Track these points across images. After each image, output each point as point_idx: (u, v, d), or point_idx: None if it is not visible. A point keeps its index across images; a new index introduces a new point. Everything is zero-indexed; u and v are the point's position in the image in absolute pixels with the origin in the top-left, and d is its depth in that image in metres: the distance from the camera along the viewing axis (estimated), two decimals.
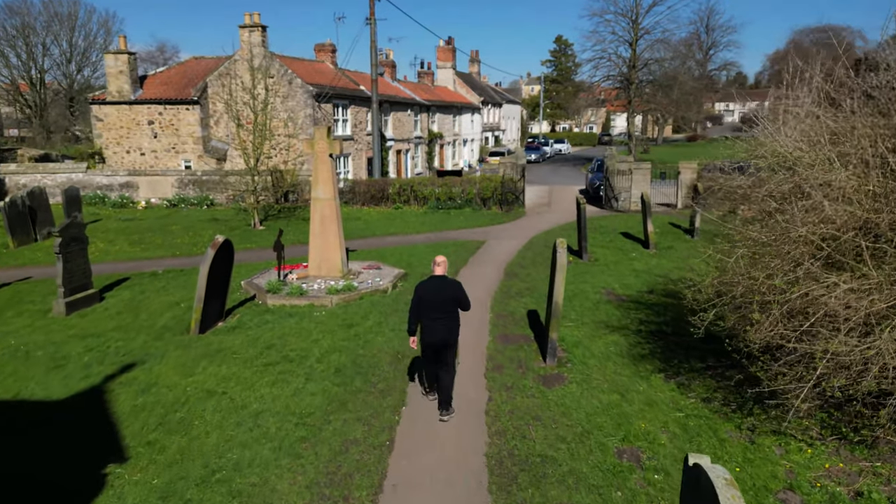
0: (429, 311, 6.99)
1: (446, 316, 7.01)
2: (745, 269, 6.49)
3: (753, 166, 7.60)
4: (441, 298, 6.98)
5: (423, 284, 7.14)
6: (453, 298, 7.03)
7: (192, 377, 8.41)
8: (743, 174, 7.87)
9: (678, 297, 11.63)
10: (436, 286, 7.05)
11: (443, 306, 6.98)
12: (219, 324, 11.04)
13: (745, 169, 8.23)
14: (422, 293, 7.04)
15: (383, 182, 24.73)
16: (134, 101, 27.72)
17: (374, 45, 27.01)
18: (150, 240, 18.67)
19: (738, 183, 7.32)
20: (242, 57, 25.84)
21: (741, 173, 7.92)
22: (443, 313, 6.99)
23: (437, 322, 6.96)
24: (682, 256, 15.08)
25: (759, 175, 7.47)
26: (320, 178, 13.09)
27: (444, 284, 7.09)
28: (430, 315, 6.98)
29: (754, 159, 6.96)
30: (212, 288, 10.56)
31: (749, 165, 8.20)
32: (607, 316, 10.57)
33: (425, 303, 6.99)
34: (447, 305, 7.01)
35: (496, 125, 59.44)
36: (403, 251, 16.41)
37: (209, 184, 25.12)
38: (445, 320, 7.00)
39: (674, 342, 9.32)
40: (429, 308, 6.99)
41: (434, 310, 6.97)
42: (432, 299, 6.97)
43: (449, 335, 7.02)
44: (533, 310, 11.10)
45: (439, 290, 7.02)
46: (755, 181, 7.26)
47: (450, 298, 7.01)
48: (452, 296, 7.03)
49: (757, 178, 7.37)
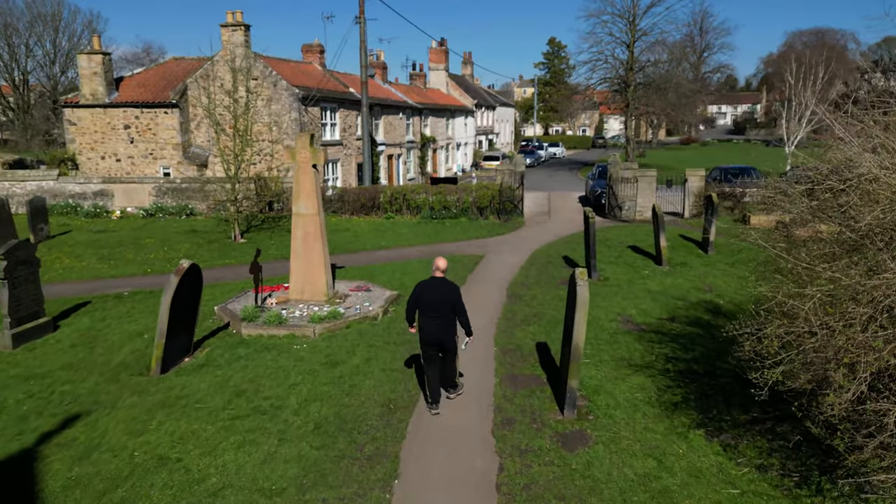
0: (426, 310, 7.34)
1: (443, 316, 7.33)
2: (820, 315, 5.22)
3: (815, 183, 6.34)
4: (439, 300, 7.32)
5: (423, 283, 7.50)
6: (450, 301, 7.32)
7: (144, 436, 7.06)
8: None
9: (704, 326, 10.41)
10: (435, 287, 7.39)
11: (440, 307, 7.31)
12: (185, 360, 9.67)
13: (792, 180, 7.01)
14: (421, 291, 7.41)
15: (374, 190, 23.38)
16: (109, 104, 26.19)
17: (364, 46, 25.68)
18: (121, 255, 17.23)
19: (800, 207, 6.03)
20: (223, 57, 24.43)
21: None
22: (439, 313, 7.32)
23: (434, 321, 7.30)
24: (698, 275, 13.85)
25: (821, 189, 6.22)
26: (303, 190, 11.75)
27: (443, 287, 7.40)
28: (428, 313, 7.33)
29: (827, 179, 5.68)
30: (176, 320, 9.20)
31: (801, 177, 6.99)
32: (628, 351, 9.29)
33: (423, 301, 7.34)
34: (444, 307, 7.32)
35: (490, 128, 58.23)
36: (395, 268, 15.09)
37: (189, 192, 23.67)
38: (441, 320, 7.32)
39: (708, 385, 8.06)
40: (426, 307, 7.34)
41: (431, 309, 7.31)
42: (430, 299, 7.33)
43: (444, 334, 7.35)
44: (542, 342, 9.80)
45: (438, 291, 7.36)
46: (821, 202, 5.99)
47: (446, 301, 7.32)
48: (449, 299, 7.33)
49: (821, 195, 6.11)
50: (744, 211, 20.75)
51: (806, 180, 6.83)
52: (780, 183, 6.79)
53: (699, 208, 21.67)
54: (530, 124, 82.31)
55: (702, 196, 21.63)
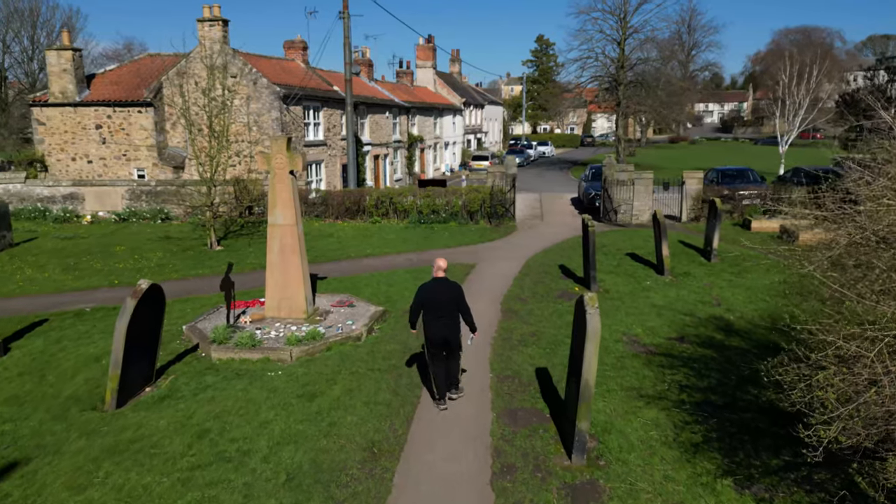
0: (431, 311, 7.38)
1: (447, 315, 7.40)
2: (887, 362, 4.37)
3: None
4: (443, 300, 7.38)
5: (425, 286, 7.55)
6: (454, 300, 7.42)
7: (87, 492, 6.07)
8: None
9: (718, 347, 9.57)
10: (438, 288, 7.47)
11: (445, 307, 7.38)
12: (146, 390, 8.68)
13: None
14: (424, 294, 7.45)
15: (359, 193, 22.37)
16: (79, 102, 24.91)
17: (349, 42, 24.64)
18: (88, 264, 16.12)
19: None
20: (200, 54, 23.28)
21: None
22: (444, 313, 7.38)
23: (440, 321, 7.36)
24: (703, 286, 13.04)
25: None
26: (279, 199, 10.76)
27: (446, 287, 7.50)
28: (433, 314, 7.37)
29: None
30: (134, 348, 8.22)
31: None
32: (638, 378, 8.41)
33: (428, 303, 7.39)
34: (449, 306, 7.40)
35: (478, 127, 57.31)
36: (381, 279, 14.13)
37: (164, 195, 22.52)
38: (446, 319, 7.39)
39: (730, 420, 7.21)
40: (431, 308, 7.38)
41: (436, 309, 7.37)
42: (434, 300, 7.37)
43: (450, 333, 7.42)
44: (542, 367, 8.91)
45: (441, 292, 7.44)
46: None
47: (451, 300, 7.41)
48: (453, 298, 7.43)
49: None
50: (744, 215, 20.04)
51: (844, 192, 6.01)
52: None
53: (697, 212, 20.92)
54: (518, 123, 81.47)
55: (700, 199, 20.88)
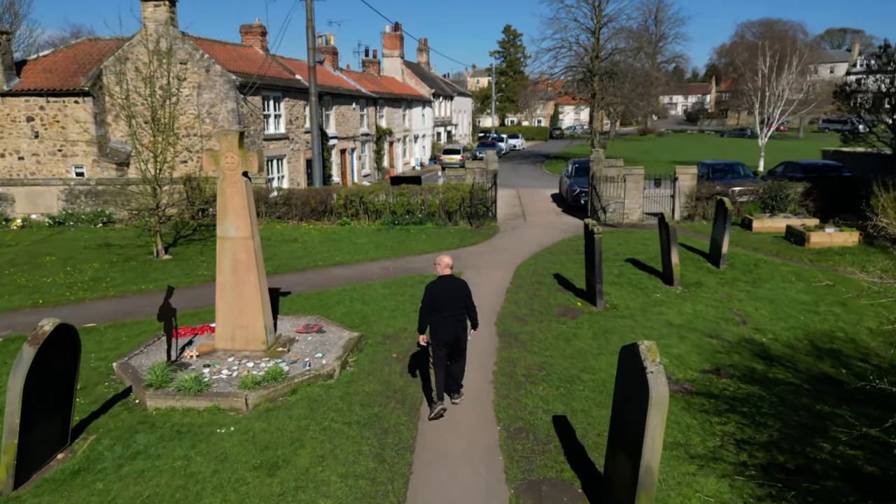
0: (441, 311, 7.13)
1: (457, 314, 7.19)
2: None
3: None
4: (452, 298, 7.15)
5: (433, 285, 7.27)
6: (462, 298, 7.21)
7: None
8: None
9: (762, 382, 8.04)
10: (446, 286, 7.22)
11: (454, 305, 7.16)
12: (57, 456, 6.74)
13: None
14: (433, 293, 7.17)
15: (326, 192, 20.37)
16: (7, 92, 22.17)
17: (312, 26, 22.53)
18: (10, 279, 13.85)
19: None
20: (144, 38, 20.87)
21: None
22: (452, 312, 7.16)
23: (449, 320, 7.13)
24: (721, 299, 11.60)
25: None
26: (230, 207, 8.84)
27: (454, 284, 7.28)
28: (442, 314, 7.13)
29: None
30: (39, 405, 6.28)
31: None
32: (681, 430, 6.82)
33: (437, 302, 7.11)
34: (458, 304, 7.19)
35: (448, 119, 55.48)
36: (355, 294, 12.30)
37: (106, 195, 20.14)
38: (455, 318, 7.17)
39: (810, 492, 5.68)
40: (441, 307, 7.12)
41: (445, 308, 7.12)
42: (444, 298, 7.12)
43: (458, 331, 7.20)
44: (560, 415, 7.26)
45: (450, 289, 7.20)
46: None
47: (460, 297, 7.20)
48: (461, 296, 7.21)
49: None
50: (742, 213, 18.80)
51: None
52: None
53: (690, 210, 19.63)
54: (487, 115, 79.85)
55: (693, 196, 19.59)
